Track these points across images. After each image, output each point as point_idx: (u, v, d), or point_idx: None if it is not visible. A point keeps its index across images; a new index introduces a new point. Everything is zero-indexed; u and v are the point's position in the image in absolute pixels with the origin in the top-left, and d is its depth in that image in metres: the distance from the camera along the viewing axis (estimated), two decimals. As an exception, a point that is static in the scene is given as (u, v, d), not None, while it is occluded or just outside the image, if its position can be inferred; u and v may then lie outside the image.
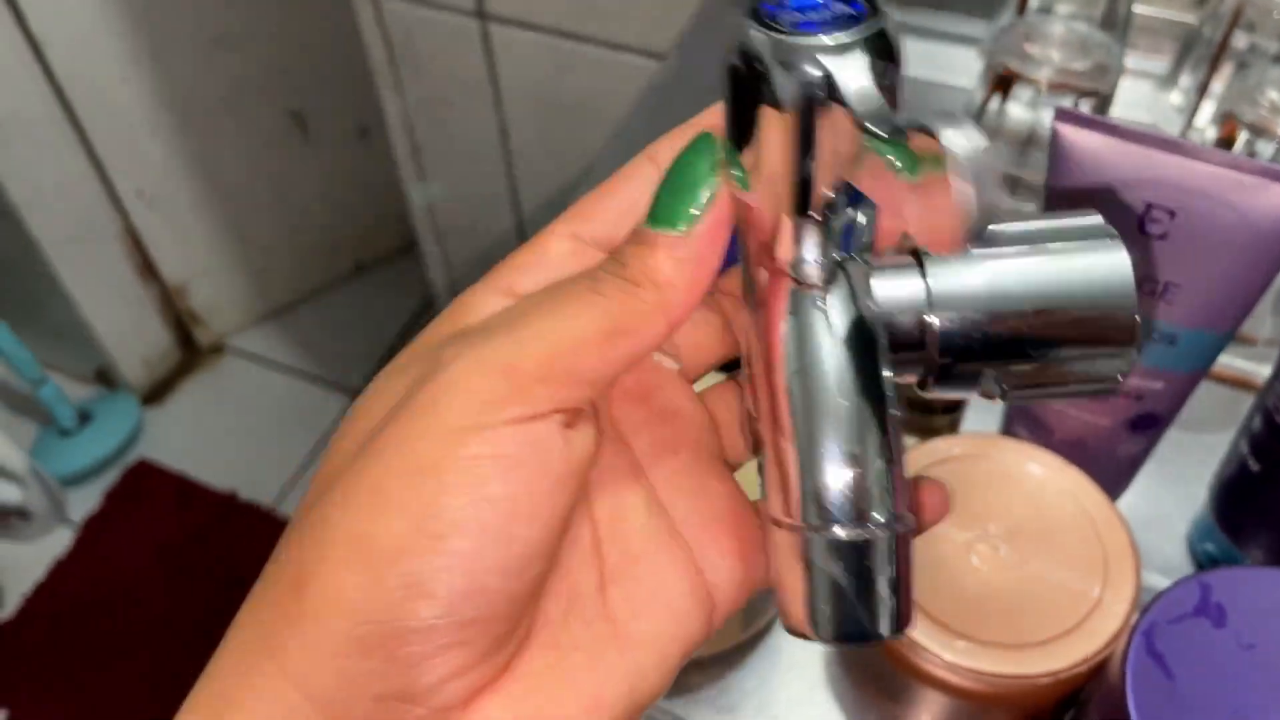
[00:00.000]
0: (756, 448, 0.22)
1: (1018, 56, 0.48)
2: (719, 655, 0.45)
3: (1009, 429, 0.48)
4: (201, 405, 1.68)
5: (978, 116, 0.51)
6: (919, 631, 0.39)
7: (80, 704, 1.35)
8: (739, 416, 0.24)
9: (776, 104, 0.18)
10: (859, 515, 0.20)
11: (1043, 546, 0.41)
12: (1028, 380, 0.20)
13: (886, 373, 0.20)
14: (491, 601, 0.18)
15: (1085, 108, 0.48)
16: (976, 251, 0.20)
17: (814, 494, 0.20)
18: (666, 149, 0.21)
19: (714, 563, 0.22)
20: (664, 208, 0.19)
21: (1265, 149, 0.45)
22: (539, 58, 0.91)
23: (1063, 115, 0.37)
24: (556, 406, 0.18)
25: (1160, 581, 0.38)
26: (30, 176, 1.38)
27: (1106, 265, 0.20)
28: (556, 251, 0.21)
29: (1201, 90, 0.55)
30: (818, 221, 0.19)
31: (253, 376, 1.71)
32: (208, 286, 1.68)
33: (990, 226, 0.20)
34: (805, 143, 0.18)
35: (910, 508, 0.21)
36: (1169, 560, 0.48)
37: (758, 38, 0.18)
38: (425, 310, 1.76)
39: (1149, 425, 0.43)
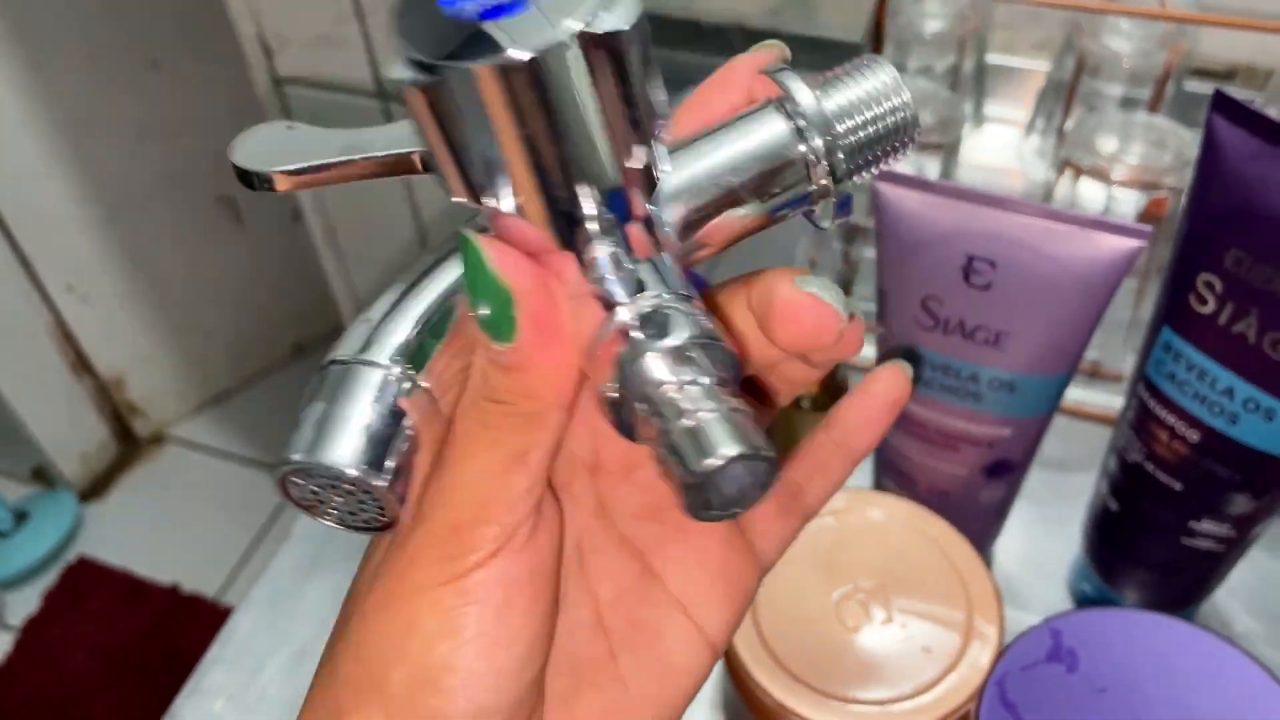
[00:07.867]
0: None
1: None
2: None
3: (878, 483, 0.48)
4: (142, 498, 1.64)
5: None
6: (789, 694, 0.38)
7: (22, 815, 1.31)
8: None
9: None
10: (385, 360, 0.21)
11: (910, 600, 0.41)
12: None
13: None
14: (499, 708, 0.21)
15: (934, 160, 0.49)
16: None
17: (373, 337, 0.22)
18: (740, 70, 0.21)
19: (708, 613, 0.23)
20: (484, 324, 0.19)
21: (1103, 193, 0.46)
22: (442, 134, 0.92)
23: (881, 174, 0.38)
24: (507, 535, 0.20)
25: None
26: (-45, 277, 1.36)
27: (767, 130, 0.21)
28: None
29: (1059, 135, 0.56)
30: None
31: (194, 465, 1.68)
32: (145, 377, 1.66)
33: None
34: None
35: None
36: (1049, 602, 0.48)
37: None
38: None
39: (1005, 471, 0.43)
